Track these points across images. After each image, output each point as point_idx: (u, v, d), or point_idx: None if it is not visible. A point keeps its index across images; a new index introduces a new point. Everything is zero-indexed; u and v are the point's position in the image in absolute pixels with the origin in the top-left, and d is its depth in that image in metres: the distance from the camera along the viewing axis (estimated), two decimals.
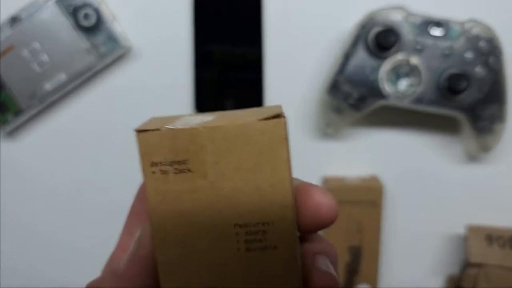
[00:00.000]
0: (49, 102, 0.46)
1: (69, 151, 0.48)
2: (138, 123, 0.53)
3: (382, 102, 0.44)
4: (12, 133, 0.48)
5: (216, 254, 0.19)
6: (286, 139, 0.18)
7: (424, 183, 0.49)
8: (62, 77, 0.45)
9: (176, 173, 0.18)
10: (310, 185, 0.20)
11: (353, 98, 0.43)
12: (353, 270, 0.47)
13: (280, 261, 0.19)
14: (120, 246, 0.24)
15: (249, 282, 0.19)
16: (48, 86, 0.45)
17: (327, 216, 0.19)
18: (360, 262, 0.47)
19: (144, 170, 0.19)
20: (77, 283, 0.50)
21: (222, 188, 0.18)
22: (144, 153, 0.19)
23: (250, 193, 0.18)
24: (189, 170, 0.18)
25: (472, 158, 0.48)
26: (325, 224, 0.20)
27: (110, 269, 0.21)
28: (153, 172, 0.19)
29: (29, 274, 0.51)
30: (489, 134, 0.44)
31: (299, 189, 0.20)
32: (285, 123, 0.18)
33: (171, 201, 0.19)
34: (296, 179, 0.20)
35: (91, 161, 0.49)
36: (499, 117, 0.44)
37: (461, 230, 0.49)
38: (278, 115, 0.18)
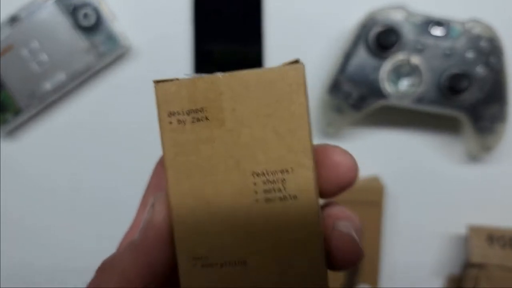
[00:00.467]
0: (48, 102, 0.46)
1: (68, 150, 0.48)
2: (138, 122, 0.53)
3: (382, 102, 0.43)
4: (11, 133, 0.48)
5: (234, 206, 0.18)
6: (304, 84, 0.18)
7: (425, 183, 0.49)
8: (61, 76, 0.45)
9: (193, 122, 0.18)
10: (328, 145, 0.19)
11: (353, 98, 0.43)
12: (354, 270, 0.47)
13: (300, 212, 0.18)
14: (136, 222, 0.23)
15: (269, 235, 0.18)
16: (47, 85, 0.45)
17: (346, 175, 0.19)
18: (361, 261, 0.47)
19: (161, 120, 0.18)
20: (77, 283, 0.50)
21: (240, 135, 0.18)
22: (162, 103, 0.18)
23: (269, 140, 0.18)
24: (206, 119, 0.18)
25: (473, 158, 0.48)
26: (346, 184, 0.19)
27: (125, 243, 0.21)
28: (170, 122, 0.18)
29: (29, 274, 0.50)
30: (490, 134, 0.44)
31: (317, 150, 0.19)
32: (303, 69, 0.18)
33: (188, 151, 0.18)
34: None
35: (91, 160, 0.48)
36: (500, 117, 0.44)
37: (462, 230, 0.48)
38: (297, 62, 0.18)
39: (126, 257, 0.20)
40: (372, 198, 0.46)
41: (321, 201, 0.20)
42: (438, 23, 0.42)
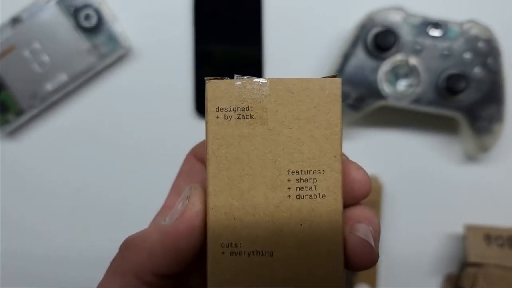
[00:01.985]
0: (50, 103, 0.47)
1: (69, 151, 0.49)
2: (138, 123, 0.54)
3: (381, 103, 0.44)
4: (12, 133, 0.48)
5: (267, 199, 0.20)
6: (340, 96, 0.20)
7: (423, 183, 0.49)
8: (63, 77, 0.45)
9: (238, 118, 0.20)
10: (347, 161, 0.21)
11: (352, 99, 0.44)
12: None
13: (327, 210, 0.20)
14: (167, 206, 0.24)
15: (296, 230, 0.20)
16: (49, 86, 0.45)
17: (360, 190, 0.21)
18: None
19: (208, 114, 0.20)
20: (77, 283, 0.50)
21: (280, 134, 0.20)
22: (211, 99, 0.20)
23: (305, 141, 0.20)
24: (251, 117, 0.20)
25: (470, 158, 0.49)
26: (359, 197, 0.21)
27: (155, 224, 0.21)
28: (217, 117, 0.20)
29: (29, 274, 0.51)
30: (488, 134, 0.45)
31: None
32: (340, 83, 0.20)
33: (230, 144, 0.20)
34: None
35: (92, 161, 0.49)
36: (498, 118, 0.44)
37: (459, 230, 0.49)
38: (336, 76, 0.20)
39: (154, 238, 0.20)
40: (371, 197, 0.46)
41: None
42: (436, 24, 0.43)
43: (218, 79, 0.20)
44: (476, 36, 0.43)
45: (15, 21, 0.44)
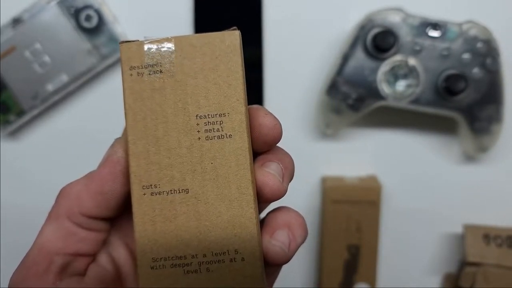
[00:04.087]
0: (50, 103, 0.47)
1: (70, 152, 0.49)
2: None
3: (380, 103, 0.44)
4: (14, 134, 0.48)
5: (180, 142, 0.22)
6: (239, 46, 0.22)
7: (422, 183, 0.49)
8: (63, 78, 0.46)
9: (150, 74, 0.22)
10: (255, 108, 0.23)
11: (351, 99, 0.44)
12: (352, 269, 0.48)
13: (234, 148, 0.22)
14: None
15: (208, 167, 0.22)
16: (50, 87, 0.46)
17: (268, 134, 0.22)
18: (359, 260, 0.48)
19: (123, 73, 0.22)
20: None
21: (187, 85, 0.22)
22: (125, 60, 0.22)
23: (210, 89, 0.22)
24: (160, 72, 0.22)
25: (469, 158, 0.49)
26: (269, 141, 0.23)
27: (86, 174, 0.24)
28: (131, 75, 0.22)
29: None
30: (487, 135, 0.45)
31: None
32: (239, 35, 0.22)
33: (144, 98, 0.22)
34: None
35: (93, 162, 0.49)
36: (496, 118, 0.44)
37: (458, 230, 0.49)
38: (235, 29, 0.22)
39: (82, 183, 0.23)
40: (370, 197, 0.47)
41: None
42: (435, 24, 0.43)
43: (130, 41, 0.22)
44: (475, 36, 0.43)
45: (16, 21, 0.45)
